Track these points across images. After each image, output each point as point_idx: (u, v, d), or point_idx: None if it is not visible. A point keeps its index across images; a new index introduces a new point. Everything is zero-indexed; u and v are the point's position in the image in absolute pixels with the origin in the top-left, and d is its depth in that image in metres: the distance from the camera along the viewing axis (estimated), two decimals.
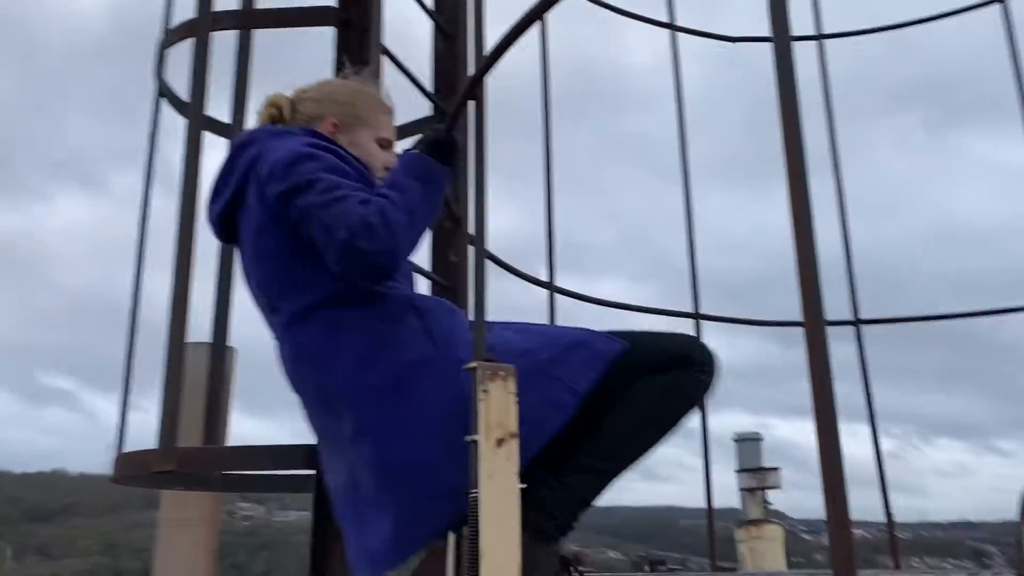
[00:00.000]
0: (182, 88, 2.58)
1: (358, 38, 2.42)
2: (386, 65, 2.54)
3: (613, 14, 3.71)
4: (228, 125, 2.57)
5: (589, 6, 3.70)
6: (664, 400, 1.57)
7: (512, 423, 1.24)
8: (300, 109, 1.82)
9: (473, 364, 1.24)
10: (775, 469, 17.07)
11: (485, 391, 1.24)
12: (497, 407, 1.25)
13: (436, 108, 3.01)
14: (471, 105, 1.49)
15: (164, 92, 2.62)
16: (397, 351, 1.49)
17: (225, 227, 1.76)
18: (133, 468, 2.12)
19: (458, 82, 3.00)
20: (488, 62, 1.42)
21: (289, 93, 1.85)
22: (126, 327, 2.60)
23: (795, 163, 0.77)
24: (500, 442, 1.23)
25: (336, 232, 1.42)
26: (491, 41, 1.43)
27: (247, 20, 2.44)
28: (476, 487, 1.14)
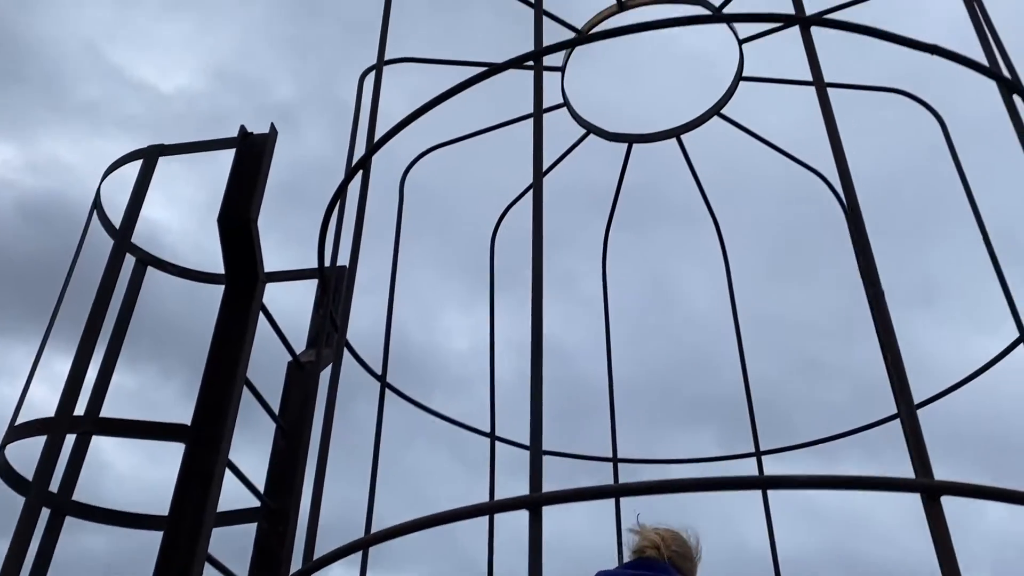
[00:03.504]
0: None
1: (205, 452, 2.66)
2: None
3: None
4: None
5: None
6: None
7: None
8: (673, 550, 2.27)
9: None
10: None
11: None
12: None
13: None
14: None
15: None
16: None
17: None
18: None
19: (293, 489, 3.25)
20: None
21: (656, 532, 2.31)
22: None
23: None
24: None
25: None
26: None
27: (103, 426, 2.63)
28: None
